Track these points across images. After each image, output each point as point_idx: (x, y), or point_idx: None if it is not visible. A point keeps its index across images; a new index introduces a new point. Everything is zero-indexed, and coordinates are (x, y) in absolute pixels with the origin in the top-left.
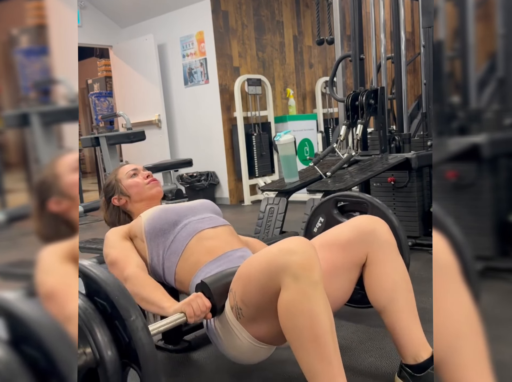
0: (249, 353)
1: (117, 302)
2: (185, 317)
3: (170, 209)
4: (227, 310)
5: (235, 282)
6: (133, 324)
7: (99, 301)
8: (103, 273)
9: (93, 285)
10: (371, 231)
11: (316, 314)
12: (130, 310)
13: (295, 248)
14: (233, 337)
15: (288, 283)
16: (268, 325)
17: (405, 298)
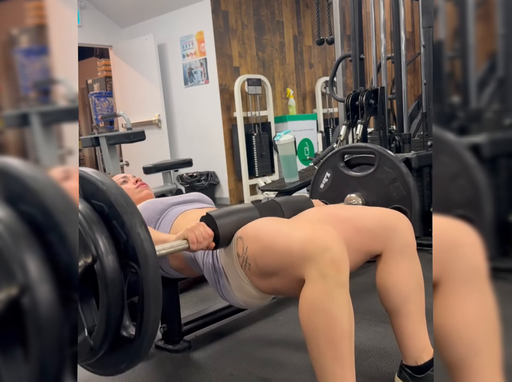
0: (254, 297)
1: (114, 199)
2: (188, 244)
3: (157, 200)
4: (234, 255)
5: (252, 238)
6: (131, 220)
7: (96, 202)
8: (99, 174)
9: (89, 187)
10: (394, 228)
11: (338, 316)
12: (127, 207)
13: (329, 244)
14: (238, 279)
15: (314, 278)
16: (272, 285)
17: (417, 302)
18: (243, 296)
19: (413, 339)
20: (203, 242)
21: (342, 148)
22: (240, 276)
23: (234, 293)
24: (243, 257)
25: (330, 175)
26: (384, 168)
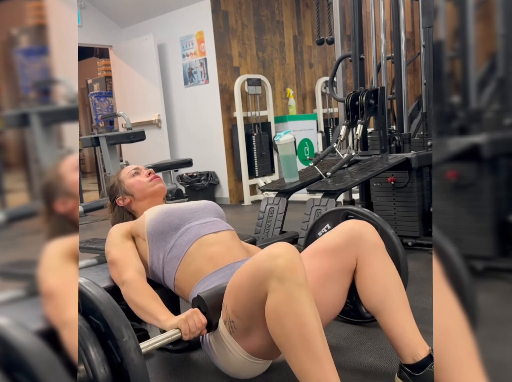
0: (243, 368)
1: (110, 322)
2: (181, 334)
3: (173, 212)
4: (221, 325)
5: (227, 295)
6: (126, 344)
7: (94, 320)
8: (98, 292)
9: (88, 303)
10: (359, 234)
11: (303, 314)
12: (123, 330)
13: (279, 252)
14: (227, 353)
15: (274, 286)
16: (261, 337)
17: (398, 299)
18: (231, 368)
19: (403, 336)
20: (196, 332)
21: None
22: (228, 348)
23: (222, 366)
24: (227, 320)
25: (330, 228)
26: None
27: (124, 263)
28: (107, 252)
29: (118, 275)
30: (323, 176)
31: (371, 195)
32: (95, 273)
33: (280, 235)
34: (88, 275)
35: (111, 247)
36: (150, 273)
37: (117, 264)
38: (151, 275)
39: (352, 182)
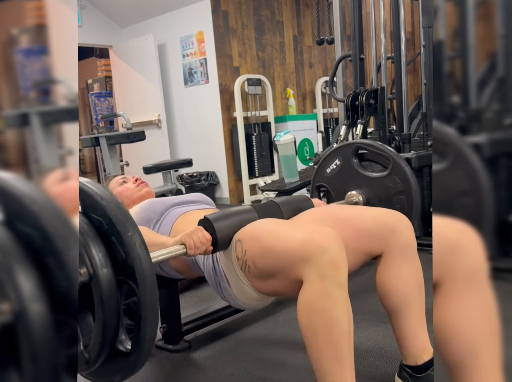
0: (255, 298)
1: (114, 216)
2: (185, 249)
3: (158, 200)
4: (233, 258)
5: (251, 240)
6: (131, 239)
7: (95, 217)
8: (99, 188)
9: (88, 200)
10: (394, 229)
11: (337, 316)
12: (127, 225)
13: (327, 244)
14: (239, 281)
15: (313, 279)
16: (272, 287)
17: (417, 303)
18: (244, 298)
19: (413, 339)
20: (201, 247)
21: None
22: (241, 278)
23: (235, 295)
24: (242, 259)
25: (339, 164)
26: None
27: None
28: None
29: None
30: None
31: None
32: None
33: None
34: None
35: None
36: None
37: None
38: None
39: None
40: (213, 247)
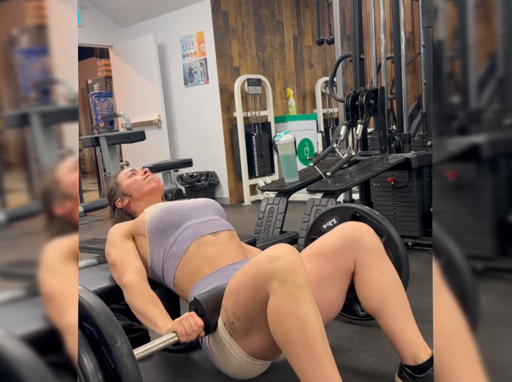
0: (243, 368)
1: (103, 328)
2: (177, 337)
3: (174, 210)
4: (220, 327)
5: (226, 296)
6: (118, 350)
7: (87, 326)
8: (91, 298)
9: (81, 310)
10: (357, 237)
11: (305, 316)
12: (116, 336)
13: (280, 254)
14: (227, 354)
15: (276, 288)
16: (261, 338)
17: (398, 301)
18: (232, 369)
19: (404, 338)
20: (193, 334)
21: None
22: (228, 349)
23: (223, 367)
24: (227, 321)
25: (336, 223)
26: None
27: (124, 265)
28: (107, 253)
29: (119, 278)
30: (323, 176)
31: (371, 194)
32: (95, 273)
33: (280, 235)
34: (88, 275)
35: (111, 248)
36: (150, 272)
37: (117, 266)
38: (151, 274)
39: (352, 182)
40: (205, 332)
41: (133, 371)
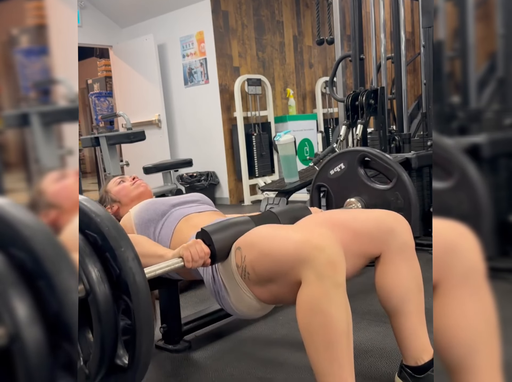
0: (254, 306)
1: (107, 233)
2: (183, 262)
3: (159, 200)
4: (233, 267)
5: (248, 245)
6: (123, 254)
7: (90, 233)
8: (94, 205)
9: (84, 218)
10: (391, 230)
11: (335, 317)
12: (120, 240)
13: (324, 244)
14: (239, 290)
15: (311, 280)
16: (272, 293)
17: (416, 303)
18: (242, 307)
19: (413, 339)
20: (199, 261)
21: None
22: (240, 287)
23: (233, 304)
24: (242, 266)
25: (343, 168)
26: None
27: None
28: None
29: None
30: None
31: None
32: None
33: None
34: None
35: None
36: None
37: None
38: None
39: None
40: (211, 260)
41: (139, 274)
